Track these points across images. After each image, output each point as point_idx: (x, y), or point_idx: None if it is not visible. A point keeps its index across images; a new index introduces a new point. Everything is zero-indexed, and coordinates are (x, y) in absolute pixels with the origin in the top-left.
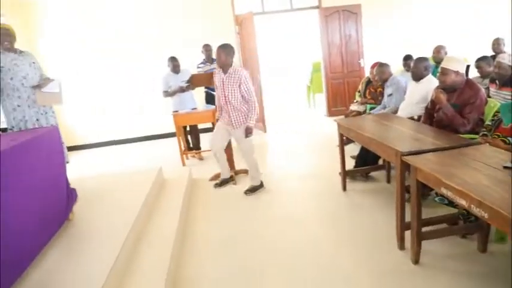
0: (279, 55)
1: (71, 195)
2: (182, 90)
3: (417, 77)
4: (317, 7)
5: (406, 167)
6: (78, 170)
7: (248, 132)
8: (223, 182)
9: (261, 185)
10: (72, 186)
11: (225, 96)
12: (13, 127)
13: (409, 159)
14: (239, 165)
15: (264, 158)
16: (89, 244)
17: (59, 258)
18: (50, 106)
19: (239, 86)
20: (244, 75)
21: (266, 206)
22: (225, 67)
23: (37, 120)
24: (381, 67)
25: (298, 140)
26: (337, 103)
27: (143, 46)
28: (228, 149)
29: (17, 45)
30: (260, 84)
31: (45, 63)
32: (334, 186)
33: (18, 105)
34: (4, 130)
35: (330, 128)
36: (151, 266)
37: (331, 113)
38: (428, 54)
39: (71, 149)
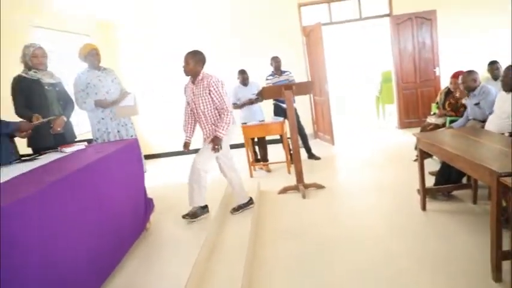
0: (347, 65)
1: (148, 205)
2: (251, 102)
3: (509, 86)
4: (388, 15)
5: (503, 188)
6: (153, 178)
7: (215, 143)
8: (195, 214)
9: (249, 202)
10: (149, 195)
11: (196, 109)
12: (97, 138)
13: (509, 181)
14: (309, 178)
15: (334, 171)
16: (166, 253)
17: (137, 267)
18: (129, 118)
19: (209, 93)
20: (213, 81)
21: (339, 220)
22: (194, 76)
23: (118, 132)
24: (470, 75)
25: (369, 153)
26: (409, 114)
27: (214, 59)
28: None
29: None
30: (328, 95)
31: (123, 78)
32: (412, 205)
33: (102, 118)
34: (90, 141)
35: (403, 140)
36: (225, 280)
37: (402, 124)
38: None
39: (147, 157)
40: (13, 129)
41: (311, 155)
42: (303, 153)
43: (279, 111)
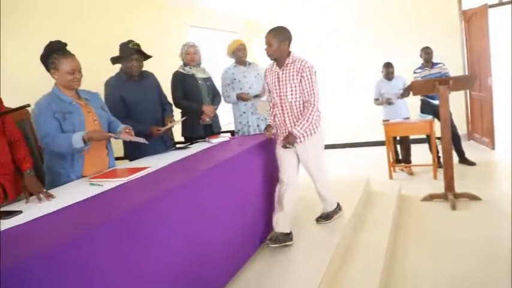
0: None
1: None
2: (389, 103)
3: None
4: None
5: None
6: None
7: (289, 141)
8: (279, 239)
9: (338, 209)
10: None
11: (281, 99)
12: (239, 130)
13: None
14: (460, 186)
15: (491, 181)
16: (298, 250)
17: (265, 265)
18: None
19: (300, 80)
20: (308, 65)
21: (498, 243)
22: (280, 58)
23: (257, 125)
24: None
25: None
26: None
27: (357, 50)
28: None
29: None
30: (491, 90)
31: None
32: None
33: (244, 112)
34: (232, 132)
35: None
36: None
37: None
38: None
39: None
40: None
41: (463, 160)
42: (454, 156)
43: (427, 108)
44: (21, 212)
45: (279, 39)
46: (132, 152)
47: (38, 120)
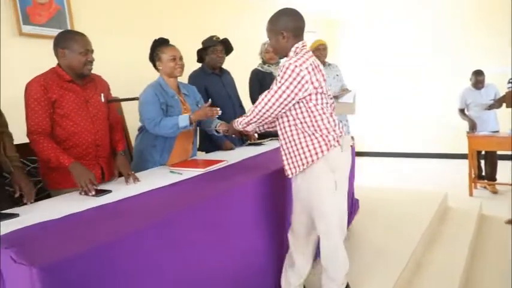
0: None
1: (354, 205)
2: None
3: None
4: None
5: None
6: (359, 177)
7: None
8: None
9: None
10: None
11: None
12: None
13: None
14: None
15: None
16: (365, 261)
17: None
18: (344, 115)
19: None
20: (285, 65)
21: None
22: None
23: None
24: None
25: None
26: None
27: (439, 58)
28: None
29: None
30: None
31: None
32: None
33: None
34: None
35: None
36: None
37: None
38: None
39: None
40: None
41: None
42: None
43: None
44: (111, 191)
45: (274, 32)
46: (208, 144)
47: (144, 107)
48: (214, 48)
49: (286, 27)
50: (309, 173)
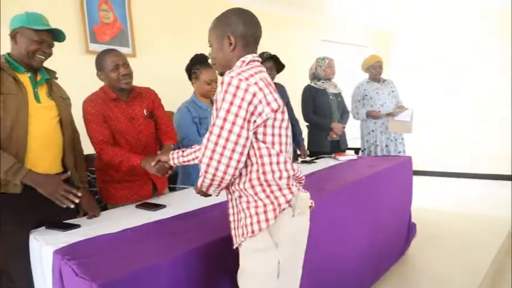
0: None
1: (411, 229)
2: None
3: None
4: None
5: None
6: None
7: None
8: None
9: None
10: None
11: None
12: (365, 149)
13: None
14: None
15: None
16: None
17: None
18: (400, 134)
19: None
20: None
21: None
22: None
23: (386, 146)
24: None
25: None
26: None
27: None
28: None
29: None
30: None
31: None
32: None
33: (372, 130)
34: (357, 150)
35: None
36: None
37: None
38: None
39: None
40: None
41: None
42: None
43: None
44: (165, 206)
45: (217, 34)
46: None
47: (179, 124)
48: (264, 64)
49: (235, 30)
50: (249, 247)
